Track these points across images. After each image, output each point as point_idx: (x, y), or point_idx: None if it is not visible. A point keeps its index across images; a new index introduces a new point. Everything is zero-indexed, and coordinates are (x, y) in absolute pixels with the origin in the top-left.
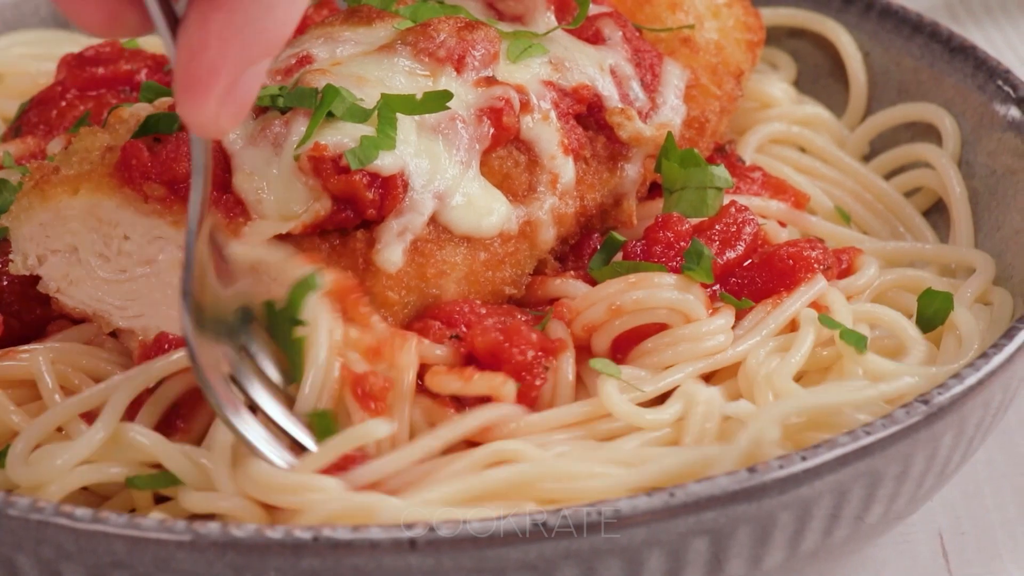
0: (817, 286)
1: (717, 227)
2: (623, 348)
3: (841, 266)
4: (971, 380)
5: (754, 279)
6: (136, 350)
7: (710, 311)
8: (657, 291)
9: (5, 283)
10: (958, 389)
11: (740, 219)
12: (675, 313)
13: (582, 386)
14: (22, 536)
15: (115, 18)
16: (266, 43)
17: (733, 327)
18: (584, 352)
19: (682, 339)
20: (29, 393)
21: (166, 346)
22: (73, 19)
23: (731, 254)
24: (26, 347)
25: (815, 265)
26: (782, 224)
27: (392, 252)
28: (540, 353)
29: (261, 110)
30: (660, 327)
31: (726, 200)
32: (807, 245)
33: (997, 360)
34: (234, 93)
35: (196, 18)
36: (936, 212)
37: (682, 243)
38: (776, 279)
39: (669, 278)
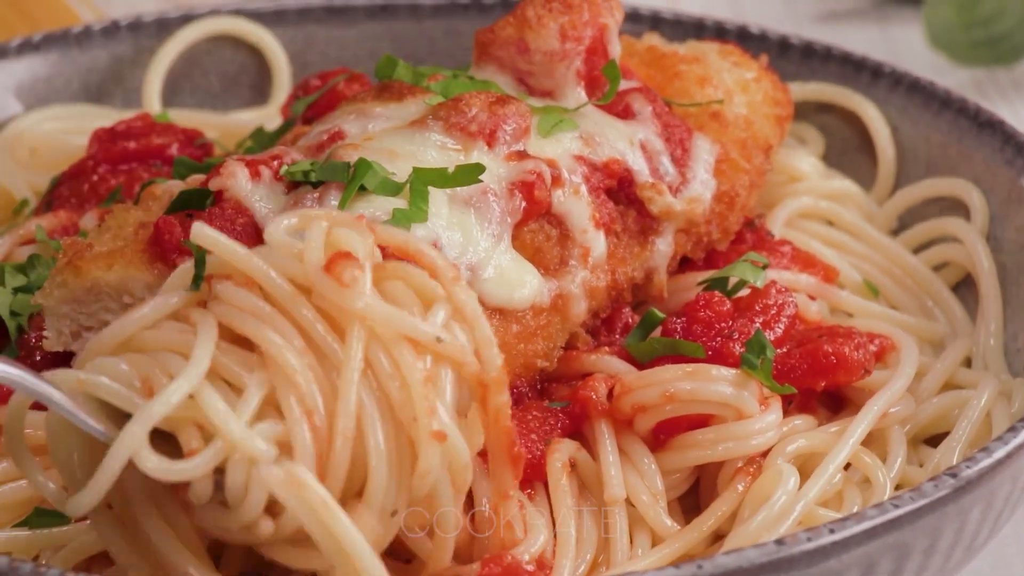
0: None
1: (757, 307)
2: (666, 430)
3: (873, 347)
4: (999, 454)
5: (794, 367)
6: None
7: (763, 406)
8: (714, 385)
9: (38, 358)
10: (986, 463)
11: (780, 301)
12: (728, 407)
13: (626, 457)
14: None
15: None
16: None
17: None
18: (625, 427)
19: (729, 436)
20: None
21: None
22: None
23: (770, 335)
24: None
25: (859, 369)
26: (811, 297)
27: None
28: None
29: (293, 185)
30: (708, 415)
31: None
32: (850, 343)
33: None
34: None
35: None
36: (964, 287)
37: (721, 324)
38: (817, 374)
39: (727, 372)
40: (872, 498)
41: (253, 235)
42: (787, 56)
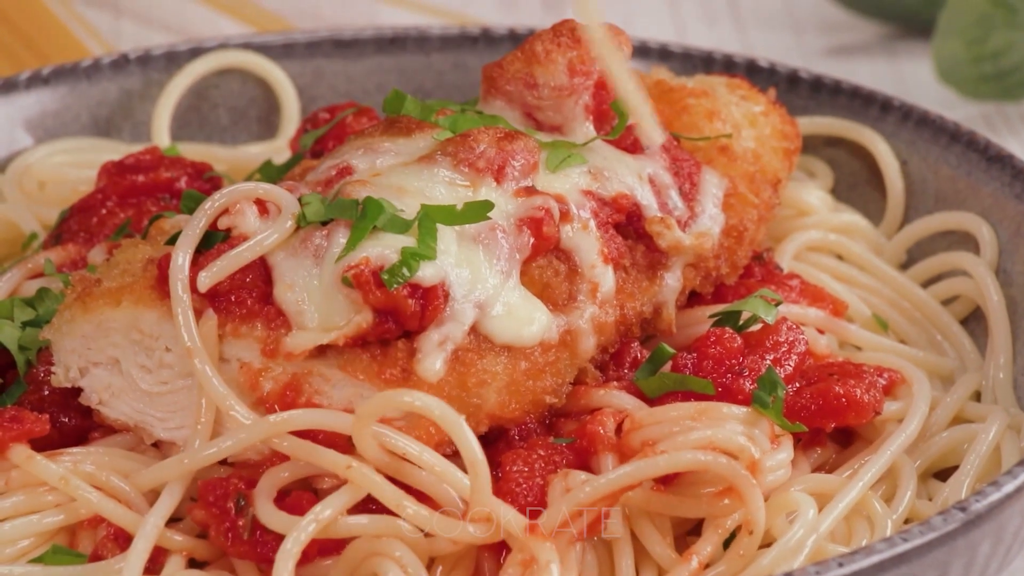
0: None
1: (768, 343)
2: None
3: (882, 381)
4: (1008, 488)
5: (804, 407)
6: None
7: (774, 444)
8: (726, 423)
9: (46, 393)
10: (995, 497)
11: (791, 338)
12: None
13: None
14: None
15: None
16: None
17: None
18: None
19: None
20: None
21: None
22: None
23: (780, 372)
24: (69, 450)
25: (870, 412)
26: (820, 331)
27: (433, 362)
28: None
29: None
30: None
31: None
32: (861, 384)
33: None
34: None
35: None
36: (974, 320)
37: (732, 360)
38: (827, 415)
39: (738, 411)
40: (875, 535)
41: (261, 271)
42: (796, 90)
